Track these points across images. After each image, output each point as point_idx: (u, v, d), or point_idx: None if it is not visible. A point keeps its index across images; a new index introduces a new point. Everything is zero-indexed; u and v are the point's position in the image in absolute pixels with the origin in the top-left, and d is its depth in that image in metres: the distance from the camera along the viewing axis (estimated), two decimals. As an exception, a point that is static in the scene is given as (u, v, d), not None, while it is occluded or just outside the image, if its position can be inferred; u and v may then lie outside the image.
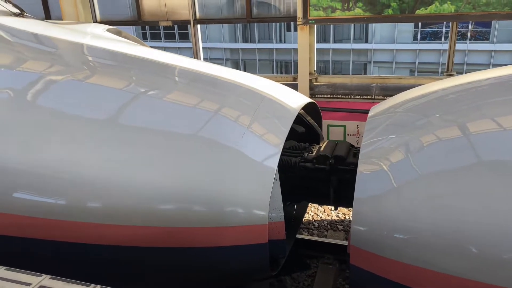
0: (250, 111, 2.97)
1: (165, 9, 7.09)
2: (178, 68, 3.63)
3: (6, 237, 2.58)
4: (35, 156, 2.60)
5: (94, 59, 3.73)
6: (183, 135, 2.76)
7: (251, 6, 6.68)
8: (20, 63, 3.32)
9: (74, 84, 3.13)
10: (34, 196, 2.55)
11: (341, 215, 5.44)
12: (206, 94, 3.21)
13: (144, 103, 3.06)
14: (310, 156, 3.12)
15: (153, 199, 2.49)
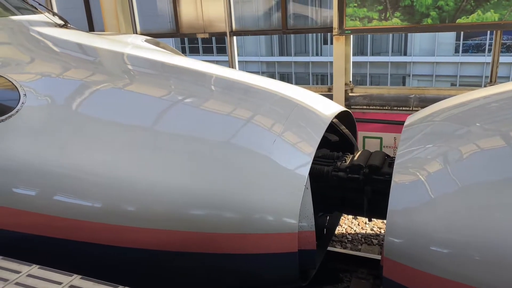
0: (282, 118, 2.95)
1: (202, 22, 7.24)
2: (213, 77, 3.67)
3: (43, 237, 2.65)
4: (74, 160, 2.68)
5: (133, 68, 3.84)
6: (216, 142, 2.77)
7: (287, 17, 6.70)
8: (64, 71, 3.46)
9: (113, 91, 3.23)
10: (71, 199, 2.61)
11: (376, 229, 5.28)
12: (239, 102, 3.23)
13: (179, 111, 3.11)
14: (343, 165, 3.05)
15: (184, 204, 2.50)
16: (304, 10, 7.69)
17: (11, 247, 2.63)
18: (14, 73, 3.06)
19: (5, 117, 2.72)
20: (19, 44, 3.66)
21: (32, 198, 2.63)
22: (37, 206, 2.62)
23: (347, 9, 5.90)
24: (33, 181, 2.64)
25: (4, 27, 3.73)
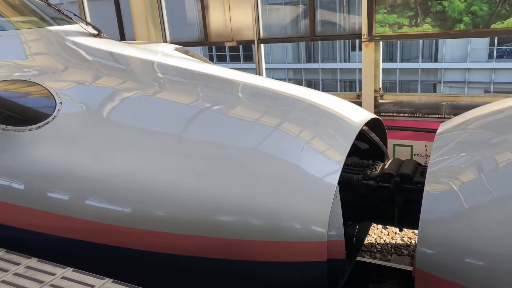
0: (311, 125, 2.93)
1: (230, 30, 7.31)
2: (241, 84, 3.70)
3: (75, 241, 2.72)
4: (105, 165, 2.74)
5: (163, 76, 3.92)
6: (244, 149, 2.78)
7: (315, 24, 6.69)
8: (96, 79, 3.56)
9: (143, 99, 3.30)
10: (102, 203, 2.67)
11: (406, 239, 5.15)
12: (266, 109, 3.23)
13: (208, 117, 3.14)
14: (374, 173, 3.00)
15: (212, 210, 2.52)
16: (332, 17, 7.66)
17: (45, 250, 2.71)
18: (51, 81, 3.17)
19: (42, 124, 2.82)
20: (55, 53, 3.80)
21: (65, 203, 2.70)
22: (69, 210, 2.69)
23: (377, 15, 5.84)
24: (66, 185, 2.72)
25: (41, 38, 3.88)
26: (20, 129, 2.76)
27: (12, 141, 2.75)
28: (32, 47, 3.79)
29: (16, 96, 3.05)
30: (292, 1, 20.86)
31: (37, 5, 4.49)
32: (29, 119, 2.85)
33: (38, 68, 3.44)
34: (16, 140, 2.75)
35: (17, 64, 3.48)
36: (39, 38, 3.87)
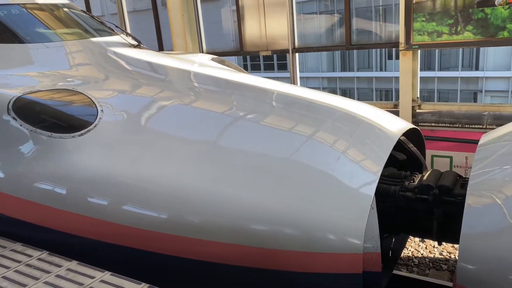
0: (346, 135, 2.90)
1: (265, 40, 7.37)
2: (275, 93, 3.71)
3: (112, 245, 2.79)
4: (143, 172, 2.81)
5: (199, 85, 4.00)
6: (278, 157, 2.78)
7: (351, 33, 6.63)
8: (136, 89, 3.68)
9: (180, 107, 3.38)
10: (138, 209, 2.73)
11: (445, 254, 4.97)
12: (301, 118, 3.23)
13: (243, 126, 3.17)
14: (412, 185, 2.92)
15: (245, 219, 2.52)
16: (368, 26, 7.57)
17: (84, 253, 2.80)
18: (93, 90, 3.30)
19: (84, 131, 2.93)
20: (97, 63, 3.95)
21: (104, 207, 2.78)
22: (107, 215, 2.76)
23: (415, 23, 5.72)
24: (105, 191, 2.80)
25: (85, 49, 4.05)
26: (63, 136, 2.88)
27: (56, 148, 2.87)
28: (76, 57, 3.96)
29: (60, 104, 3.18)
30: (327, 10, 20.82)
31: (81, 17, 4.70)
32: (72, 127, 2.97)
33: (81, 78, 3.59)
34: (60, 147, 2.87)
35: (61, 74, 3.64)
36: (82, 49, 4.04)
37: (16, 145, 2.97)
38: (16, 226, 2.94)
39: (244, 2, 7.38)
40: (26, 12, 4.17)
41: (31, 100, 3.06)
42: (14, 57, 3.73)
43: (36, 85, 3.33)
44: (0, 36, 3.84)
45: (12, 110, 2.93)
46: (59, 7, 4.63)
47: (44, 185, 2.86)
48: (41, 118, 3.00)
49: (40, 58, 3.79)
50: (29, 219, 2.91)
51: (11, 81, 3.42)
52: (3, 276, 2.34)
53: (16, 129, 2.92)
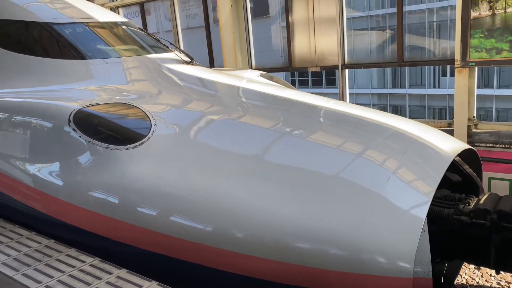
0: (398, 154, 2.81)
1: (314, 56, 7.36)
2: (323, 109, 3.68)
3: (159, 256, 2.85)
4: (191, 184, 2.87)
5: (247, 100, 4.06)
6: (326, 175, 2.75)
7: (403, 49, 6.48)
8: (187, 103, 3.79)
9: (228, 122, 3.44)
10: (186, 220, 2.78)
11: (503, 283, 4.64)
12: (350, 135, 3.18)
13: (290, 142, 3.17)
14: (467, 208, 2.77)
15: (290, 236, 2.50)
16: (421, 42, 7.38)
17: (133, 261, 2.88)
18: (147, 105, 3.44)
19: (138, 143, 3.05)
20: (152, 79, 4.12)
21: (152, 218, 2.86)
22: (156, 225, 2.83)
23: (472, 40, 5.49)
24: (154, 201, 2.88)
25: (141, 65, 4.24)
26: (119, 148, 3.01)
27: (111, 159, 3.01)
28: (132, 73, 4.16)
29: (116, 117, 3.34)
30: (378, 27, 20.54)
31: (138, 34, 4.94)
32: (127, 139, 3.10)
33: (136, 92, 3.75)
34: (114, 158, 3.00)
35: (118, 88, 3.83)
36: (138, 65, 4.23)
37: (74, 155, 3.13)
38: (72, 232, 3.08)
39: (294, 19, 7.44)
40: (88, 30, 4.45)
41: (90, 113, 3.24)
42: (76, 72, 3.97)
43: (94, 99, 3.52)
44: (65, 52, 4.11)
45: (73, 122, 3.11)
46: (118, 25, 4.90)
47: (98, 194, 2.99)
48: (98, 130, 3.16)
49: (99, 73, 4.01)
50: (83, 225, 3.05)
51: (72, 95, 3.64)
52: (58, 279, 2.46)
53: (75, 140, 3.09)
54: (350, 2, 10.14)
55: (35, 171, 3.27)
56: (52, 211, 3.18)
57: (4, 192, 3.51)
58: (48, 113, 3.30)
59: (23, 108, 3.50)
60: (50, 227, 3.20)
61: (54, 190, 3.15)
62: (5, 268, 2.61)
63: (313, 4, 7.19)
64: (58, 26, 4.25)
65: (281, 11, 7.99)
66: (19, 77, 4.00)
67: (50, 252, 2.79)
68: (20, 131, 3.48)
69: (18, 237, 3.05)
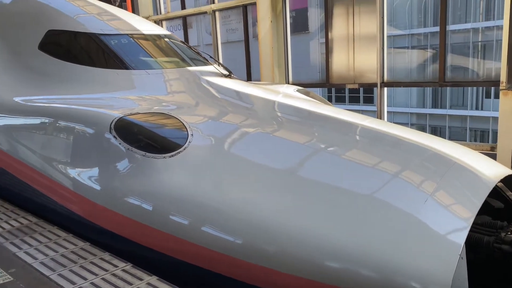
0: (436, 177, 2.73)
1: (353, 73, 7.31)
2: (359, 127, 3.64)
3: (189, 265, 2.88)
4: (224, 196, 2.89)
5: (282, 115, 4.07)
6: (361, 194, 2.70)
7: (445, 69, 6.33)
8: (223, 116, 3.85)
9: (263, 136, 3.45)
10: (216, 232, 2.79)
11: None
12: (386, 155, 3.11)
13: (324, 159, 3.14)
14: (509, 237, 2.64)
15: (322, 254, 2.46)
16: (465, 62, 7.18)
17: (163, 268, 2.92)
18: (185, 115, 3.51)
19: (174, 153, 3.11)
20: (191, 91, 4.22)
21: (184, 227, 2.89)
22: (187, 234, 2.86)
23: (519, 61, 5.30)
24: (187, 211, 2.91)
25: (181, 76, 4.35)
26: (156, 156, 3.08)
27: (148, 167, 3.08)
28: (173, 84, 4.27)
29: (155, 126, 3.43)
30: (419, 45, 20.11)
31: (179, 47, 5.08)
32: (164, 148, 3.17)
33: (175, 103, 3.85)
34: (151, 166, 3.07)
35: (158, 98, 3.94)
36: (179, 77, 4.35)
37: (113, 161, 3.23)
38: (106, 236, 3.17)
39: (333, 35, 7.44)
40: (133, 41, 4.62)
41: (130, 121, 3.34)
42: (119, 81, 4.12)
43: (135, 108, 3.64)
44: (110, 62, 4.28)
45: (114, 129, 3.22)
46: (161, 37, 5.06)
47: (133, 200, 3.07)
48: (137, 138, 3.25)
49: (141, 83, 4.14)
50: (117, 230, 3.13)
51: (115, 103, 3.77)
52: (91, 282, 2.52)
53: (115, 147, 3.19)
54: (391, 20, 10.04)
55: (75, 174, 3.40)
56: (89, 214, 3.28)
57: (45, 193, 3.67)
58: (91, 120, 3.43)
59: (68, 114, 3.66)
60: (86, 230, 3.30)
61: (91, 194, 3.26)
62: (43, 267, 2.71)
63: (353, 21, 7.18)
64: (104, 37, 4.44)
65: (320, 27, 8.02)
66: (66, 84, 4.19)
67: (85, 254, 2.87)
68: (64, 136, 3.64)
69: (56, 238, 3.16)
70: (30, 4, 5.04)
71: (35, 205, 3.85)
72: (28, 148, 3.83)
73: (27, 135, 3.90)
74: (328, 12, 7.38)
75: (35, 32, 4.61)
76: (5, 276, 2.59)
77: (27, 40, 4.63)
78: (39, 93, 4.16)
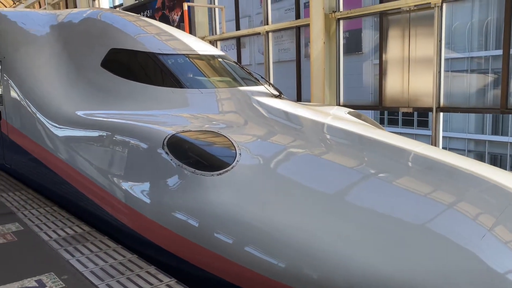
0: (495, 210, 2.57)
1: (407, 96, 7.11)
2: (412, 153, 3.51)
3: (229, 283, 2.87)
4: (269, 217, 2.88)
5: (332, 137, 4.02)
6: (411, 224, 2.59)
7: (508, 95, 5.99)
8: (272, 136, 3.86)
9: (311, 158, 3.42)
10: (260, 253, 2.77)
11: None
12: (441, 184, 2.98)
13: (373, 185, 3.06)
14: None
15: (367, 283, 2.37)
16: (530, 88, 6.75)
17: (205, 286, 2.93)
18: (234, 134, 3.56)
19: (222, 171, 3.16)
20: (241, 110, 4.29)
21: (229, 246, 2.89)
22: (231, 253, 2.86)
23: None
24: (232, 230, 2.92)
25: (232, 96, 4.44)
26: (205, 174, 3.14)
27: (196, 183, 3.14)
28: (224, 103, 4.36)
29: (205, 144, 3.50)
30: (479, 69, 19.29)
31: (232, 67, 5.20)
32: (213, 166, 3.22)
33: (225, 122, 3.92)
34: (199, 183, 3.13)
35: (209, 117, 4.03)
36: (230, 96, 4.44)
37: (163, 176, 3.33)
38: (153, 249, 3.24)
39: (388, 57, 7.30)
40: (188, 61, 4.79)
41: (182, 138, 3.43)
42: (174, 99, 4.27)
43: (187, 125, 3.74)
44: (166, 80, 4.46)
45: (166, 146, 3.32)
46: (215, 57, 5.21)
47: (180, 216, 3.12)
48: (188, 155, 3.33)
49: (194, 102, 4.27)
50: (163, 244, 3.19)
51: (168, 120, 3.91)
52: (136, 294, 2.58)
53: (167, 163, 3.28)
54: (449, 42, 9.71)
55: (127, 186, 3.53)
56: (137, 226, 3.38)
57: (97, 203, 3.83)
58: (145, 136, 3.57)
59: (124, 129, 3.83)
60: (134, 241, 3.40)
61: (141, 206, 3.36)
62: (93, 276, 2.81)
63: (409, 43, 7.02)
64: (162, 57, 4.64)
65: (374, 48, 7.91)
66: (125, 100, 4.41)
67: (132, 266, 2.95)
68: (119, 149, 3.80)
69: (106, 248, 3.28)
70: (96, 24, 5.38)
71: (87, 213, 4.04)
72: (85, 159, 4.04)
73: (85, 147, 4.12)
74: (383, 33, 7.28)
75: (99, 50, 4.90)
76: (57, 282, 2.71)
77: (91, 57, 4.93)
78: (99, 108, 4.40)
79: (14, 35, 5.60)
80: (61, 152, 4.39)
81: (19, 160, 5.51)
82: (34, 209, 4.24)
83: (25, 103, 5.04)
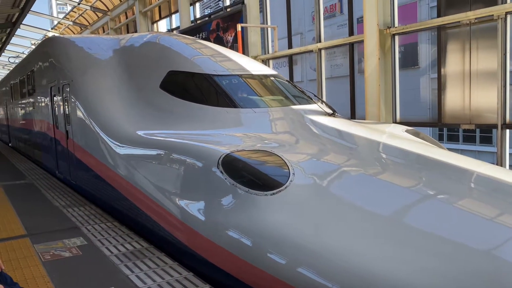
0: None
1: (469, 112, 6.76)
2: (475, 174, 3.33)
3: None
4: (322, 239, 2.83)
5: (387, 157, 3.90)
6: (476, 251, 2.44)
7: None
8: (325, 155, 3.82)
9: (366, 178, 3.34)
10: (313, 275, 2.72)
11: None
12: (507, 207, 2.78)
13: (432, 207, 2.93)
14: None
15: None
16: None
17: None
18: (287, 154, 3.56)
19: (276, 191, 3.16)
20: (294, 129, 4.29)
21: (280, 266, 2.86)
22: (283, 274, 2.82)
23: None
24: (284, 250, 2.89)
25: (285, 115, 4.46)
26: (258, 193, 3.16)
27: (250, 203, 3.16)
28: (277, 123, 4.39)
29: (259, 164, 3.53)
30: (550, 81, 17.75)
31: (284, 86, 5.23)
32: (266, 185, 3.24)
33: (278, 141, 3.93)
34: (253, 202, 3.15)
35: (262, 136, 4.07)
36: (283, 115, 4.46)
37: (218, 195, 3.39)
38: (207, 267, 3.29)
39: (447, 70, 7.01)
40: (242, 81, 4.89)
41: (236, 157, 3.49)
42: (228, 119, 4.37)
43: (240, 145, 3.80)
44: (221, 100, 4.58)
45: (221, 165, 3.39)
46: (267, 76, 5.28)
47: (234, 235, 3.15)
48: (242, 175, 3.37)
49: (247, 121, 4.34)
50: (218, 263, 3.23)
51: (223, 139, 3.99)
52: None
53: (221, 182, 3.34)
54: (514, 53, 9.13)
55: (182, 204, 3.63)
56: (192, 244, 3.45)
57: (154, 219, 3.97)
58: (201, 155, 3.66)
59: (181, 148, 3.96)
60: (188, 258, 3.47)
61: (196, 224, 3.44)
62: (150, 292, 2.90)
63: (470, 56, 6.70)
64: (217, 78, 4.78)
65: (432, 62, 7.64)
66: (182, 120, 4.57)
67: (188, 284, 3.01)
68: (175, 167, 3.93)
69: (164, 264, 3.37)
70: (156, 47, 5.66)
71: (145, 229, 4.19)
72: (144, 177, 4.21)
73: (144, 165, 4.30)
74: (442, 47, 7.01)
75: (158, 72, 5.14)
76: (118, 297, 2.83)
77: (150, 79, 5.19)
78: (158, 128, 4.59)
79: (82, 60, 6.04)
80: (122, 170, 4.62)
81: (83, 176, 5.86)
82: (96, 224, 4.47)
83: (90, 123, 5.38)
